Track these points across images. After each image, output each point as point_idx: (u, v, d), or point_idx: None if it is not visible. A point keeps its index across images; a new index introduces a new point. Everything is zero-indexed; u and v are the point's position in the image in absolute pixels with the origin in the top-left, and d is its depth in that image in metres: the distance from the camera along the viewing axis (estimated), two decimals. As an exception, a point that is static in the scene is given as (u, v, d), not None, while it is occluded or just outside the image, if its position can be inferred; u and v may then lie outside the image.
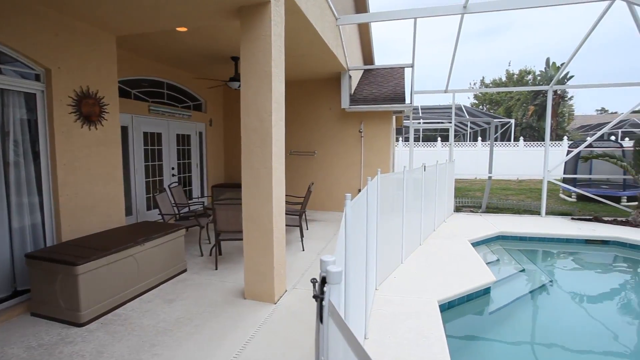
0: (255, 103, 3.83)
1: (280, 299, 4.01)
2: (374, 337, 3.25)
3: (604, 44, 28.98)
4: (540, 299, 4.84)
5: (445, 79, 8.77)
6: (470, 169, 16.61)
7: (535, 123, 27.47)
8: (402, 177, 4.96)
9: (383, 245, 4.33)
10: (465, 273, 4.78)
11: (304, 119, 9.01)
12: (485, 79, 39.64)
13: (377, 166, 7.77)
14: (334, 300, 1.05)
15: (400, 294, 4.15)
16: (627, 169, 7.87)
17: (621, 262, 6.38)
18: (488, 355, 3.60)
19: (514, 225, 7.55)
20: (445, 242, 6.29)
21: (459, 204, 10.01)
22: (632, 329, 4.21)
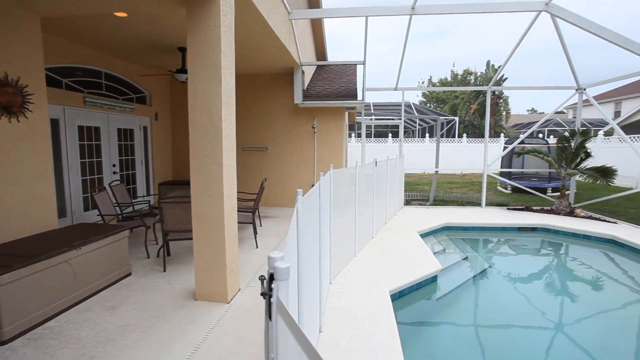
0: (204, 97, 3.67)
1: (234, 298, 3.91)
2: (329, 330, 3.29)
3: (535, 50, 32.10)
4: (481, 283, 5.23)
5: (396, 77, 9.08)
6: (418, 164, 17.43)
7: (477, 121, 29.49)
8: (355, 173, 5.06)
9: (337, 239, 4.39)
10: (414, 263, 5.01)
11: (256, 114, 8.84)
12: (432, 78, 41.66)
13: (331, 162, 7.88)
14: (282, 296, 1.04)
15: (353, 286, 4.25)
16: (552, 163, 8.74)
17: (547, 246, 7.09)
18: (436, 338, 3.81)
19: (458, 217, 8.06)
20: (396, 234, 6.54)
21: (408, 197, 10.47)
22: (556, 303, 4.70)
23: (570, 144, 8.41)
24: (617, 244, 6.52)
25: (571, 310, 4.57)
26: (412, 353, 3.39)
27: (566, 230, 7.24)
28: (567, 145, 8.44)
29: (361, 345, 3.05)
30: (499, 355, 3.50)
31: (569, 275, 5.78)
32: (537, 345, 3.69)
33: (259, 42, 6.11)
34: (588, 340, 3.81)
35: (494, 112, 27.62)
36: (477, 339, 3.84)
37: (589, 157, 8.42)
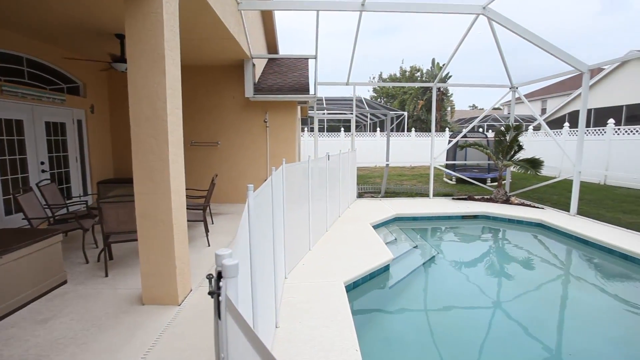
0: (146, 88, 3.43)
1: (185, 300, 3.75)
2: (285, 325, 3.28)
3: (476, 50, 34.74)
4: (430, 269, 5.52)
5: (347, 72, 9.20)
6: (370, 157, 17.97)
7: (424, 116, 30.96)
8: (308, 167, 5.07)
9: (291, 234, 4.37)
10: (367, 254, 5.15)
11: (205, 107, 8.49)
12: (383, 74, 42.96)
13: (284, 156, 7.80)
14: (231, 294, 1.00)
15: (309, 279, 4.27)
16: (490, 156, 9.45)
17: (487, 232, 7.68)
18: (390, 324, 3.96)
19: (408, 207, 8.43)
20: (350, 226, 6.68)
21: (361, 190, 10.73)
22: (495, 283, 5.11)
23: (505, 137, 9.14)
24: (544, 227, 7.24)
25: (508, 289, 5.00)
26: (368, 340, 3.49)
27: (503, 217, 7.89)
28: (503, 139, 9.16)
29: (318, 337, 3.08)
30: (447, 334, 3.73)
31: (505, 257, 6.30)
32: (480, 322, 3.99)
33: (207, 33, 5.85)
34: (521, 314, 4.19)
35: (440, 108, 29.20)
36: (428, 321, 4.05)
37: (521, 149, 9.22)
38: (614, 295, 4.59)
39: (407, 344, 3.54)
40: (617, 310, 4.25)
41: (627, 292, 4.65)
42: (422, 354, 3.40)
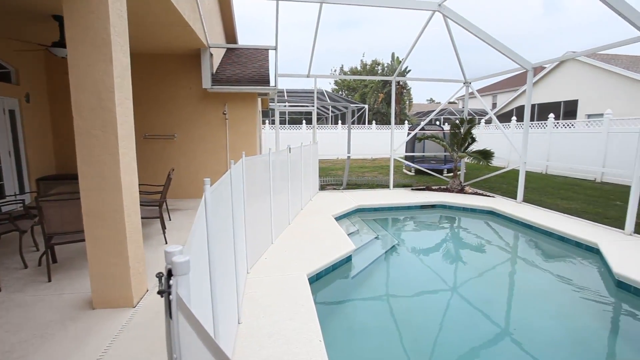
0: (90, 76, 3.18)
1: (141, 301, 3.57)
2: (248, 320, 3.23)
3: (434, 46, 35.95)
4: (391, 258, 5.69)
5: (308, 64, 9.14)
6: (332, 149, 18.12)
7: (384, 109, 31.66)
8: (268, 160, 4.99)
9: (253, 228, 4.30)
10: (330, 246, 5.20)
11: (160, 98, 8.06)
12: (344, 67, 43.24)
13: (244, 149, 7.64)
14: (183, 292, 0.95)
15: (271, 273, 4.23)
16: (446, 148, 9.88)
17: (444, 220, 8.06)
18: (353, 313, 4.03)
19: (369, 199, 8.60)
20: (312, 219, 6.70)
21: (323, 182, 10.79)
22: (452, 268, 5.39)
23: (460, 130, 9.59)
24: (494, 214, 7.73)
25: (462, 272, 5.29)
26: (331, 330, 3.53)
27: (458, 206, 8.31)
28: (458, 131, 9.61)
29: (281, 331, 3.07)
30: (408, 319, 3.87)
31: (460, 243, 6.65)
32: (439, 305, 4.19)
33: (160, 19, 5.52)
34: (474, 295, 4.46)
35: (399, 101, 29.98)
36: (390, 307, 4.18)
37: (474, 141, 9.72)
38: (553, 273, 5.01)
39: (370, 331, 3.63)
40: (555, 287, 4.65)
41: (564, 270, 5.09)
42: (385, 339, 3.51)
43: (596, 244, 5.37)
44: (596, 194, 9.56)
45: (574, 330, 3.70)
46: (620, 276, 4.33)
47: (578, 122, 13.22)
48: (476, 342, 3.46)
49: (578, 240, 5.74)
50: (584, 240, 5.64)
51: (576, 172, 12.95)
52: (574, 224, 6.47)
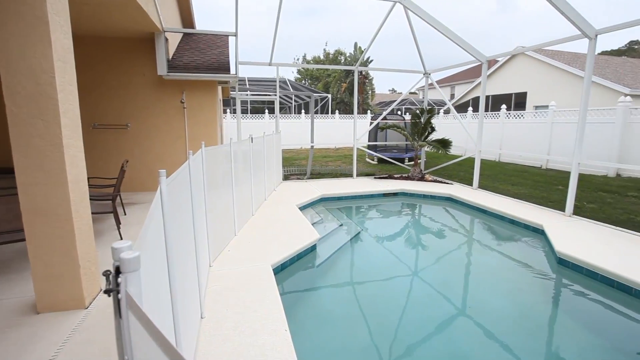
0: (25, 59, 2.88)
1: (94, 301, 3.36)
2: (212, 314, 3.16)
3: (396, 36, 36.61)
4: (355, 245, 5.79)
5: (270, 52, 8.94)
6: (295, 139, 17.95)
7: (347, 98, 31.87)
8: (230, 150, 4.85)
9: (214, 220, 4.18)
10: (294, 236, 5.19)
11: (111, 85, 7.53)
12: (307, 55, 42.84)
13: (205, 139, 7.35)
14: (133, 290, 0.89)
15: (235, 265, 4.15)
16: (407, 137, 10.15)
17: (405, 207, 8.32)
18: (319, 301, 4.07)
19: (333, 188, 8.67)
20: (276, 209, 6.65)
21: (287, 172, 10.72)
22: (412, 253, 5.60)
23: (420, 120, 9.88)
24: (453, 200, 8.10)
25: (424, 257, 5.51)
26: (298, 319, 3.55)
27: (418, 193, 8.61)
28: (418, 121, 9.89)
29: (246, 322, 3.03)
30: (373, 304, 3.97)
31: (421, 229, 6.92)
32: (402, 289, 4.34)
33: (106, -2, 5.11)
34: (434, 278, 4.67)
35: (362, 91, 30.30)
36: (355, 294, 4.27)
37: (433, 131, 10.07)
38: (504, 254, 5.37)
39: (336, 318, 3.68)
40: (506, 266, 4.98)
41: (514, 251, 5.46)
42: (350, 324, 3.58)
43: (541, 226, 5.80)
44: (542, 179, 10.31)
45: (522, 304, 3.99)
46: (561, 254, 4.72)
47: (527, 113, 14.10)
48: (437, 321, 3.63)
49: (526, 223, 6.17)
50: (531, 223, 6.07)
51: (525, 160, 13.86)
52: (523, 207, 6.95)
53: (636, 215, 6.52)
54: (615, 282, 4.05)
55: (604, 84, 15.39)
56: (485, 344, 3.29)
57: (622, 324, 3.65)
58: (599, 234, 5.39)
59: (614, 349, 3.24)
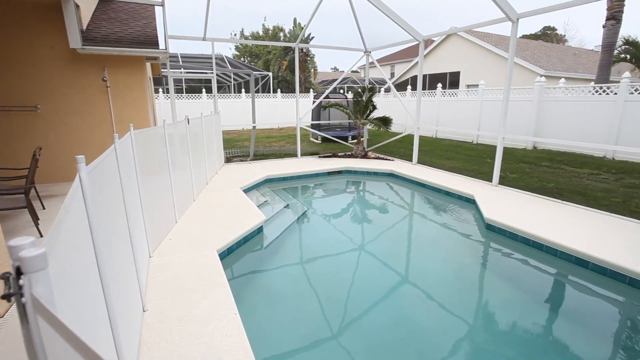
0: None
1: (11, 309, 2.97)
2: (154, 306, 2.99)
3: (337, 13, 36.31)
4: (303, 224, 5.81)
5: (203, 25, 8.33)
6: (236, 120, 17.34)
7: (289, 77, 31.27)
8: (164, 132, 4.49)
9: (151, 208, 3.89)
10: (239, 219, 5.05)
11: (10, 59, 6.44)
12: (244, 31, 40.93)
13: (135, 122, 6.73)
14: (40, 292, 0.76)
15: (178, 254, 3.94)
16: (350, 115, 10.30)
17: (350, 185, 8.53)
18: (269, 282, 4.04)
19: (278, 169, 8.56)
20: (219, 193, 6.40)
21: (229, 154, 10.34)
22: (358, 228, 5.78)
23: (362, 98, 10.03)
24: (394, 176, 8.46)
25: (369, 231, 5.72)
26: (248, 302, 3.50)
27: (362, 170, 8.86)
28: (360, 99, 10.04)
29: (193, 311, 2.92)
30: (322, 280, 4.04)
31: (365, 205, 7.15)
32: (350, 264, 4.47)
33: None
34: (380, 250, 4.89)
35: (304, 69, 29.90)
36: (305, 272, 4.30)
37: (375, 109, 10.31)
38: (441, 223, 5.77)
39: (287, 297, 3.69)
40: (443, 234, 5.37)
41: (450, 220, 5.90)
42: (302, 301, 3.62)
43: (472, 196, 6.32)
44: (473, 153, 11.19)
45: (457, 267, 4.36)
46: (488, 220, 5.19)
47: (460, 92, 15.05)
48: (383, 289, 3.82)
49: (459, 194, 6.68)
50: (464, 193, 6.58)
51: (459, 136, 14.90)
52: (457, 180, 7.49)
53: (548, 182, 7.39)
54: (531, 241, 4.57)
55: (524, 65, 16.91)
56: (427, 306, 3.55)
57: (536, 276, 4.17)
58: (519, 201, 6.02)
59: (530, 298, 3.70)
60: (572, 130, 10.73)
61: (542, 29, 41.36)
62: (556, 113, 11.28)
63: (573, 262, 4.10)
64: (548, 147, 11.77)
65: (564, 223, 4.89)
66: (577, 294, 3.85)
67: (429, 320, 3.33)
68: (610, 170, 8.30)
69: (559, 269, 4.16)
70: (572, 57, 21.05)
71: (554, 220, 5.00)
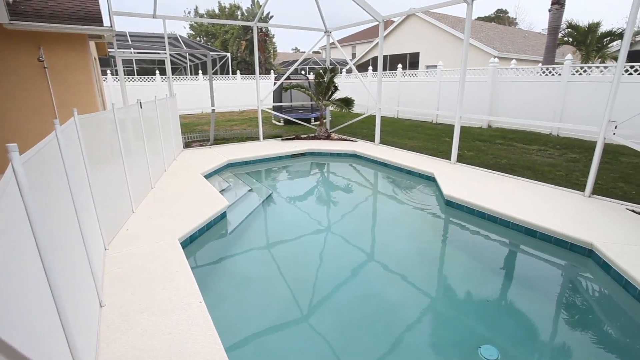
0: None
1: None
2: (113, 300, 2.86)
3: None
4: (267, 208, 5.75)
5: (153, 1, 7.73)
6: (194, 103, 16.58)
7: (248, 57, 30.22)
8: (114, 117, 4.18)
9: (104, 198, 3.65)
10: (201, 205, 4.90)
11: None
12: (199, 9, 38.72)
13: (80, 106, 6.22)
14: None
15: (137, 244, 3.76)
16: (312, 97, 10.18)
17: (314, 167, 8.52)
18: (235, 268, 3.97)
19: (240, 153, 8.35)
20: (179, 179, 6.15)
21: (188, 139, 9.92)
22: (323, 209, 5.82)
23: (324, 79, 9.92)
24: (357, 156, 8.56)
25: (334, 212, 5.78)
26: (214, 290, 3.44)
27: (326, 152, 8.87)
28: (322, 80, 9.93)
29: (155, 302, 2.83)
30: (289, 263, 4.03)
31: (330, 186, 7.20)
32: (316, 244, 4.51)
33: None
34: (345, 229, 4.96)
35: (263, 49, 29.02)
36: (271, 255, 4.28)
37: (337, 90, 10.26)
38: (403, 201, 5.95)
39: (253, 281, 3.66)
40: (405, 212, 5.55)
41: (411, 197, 6.09)
42: (269, 285, 3.60)
43: (432, 174, 6.55)
44: (433, 133, 11.55)
45: (419, 243, 4.54)
46: (448, 196, 5.43)
47: (420, 72, 15.34)
48: (350, 268, 3.90)
49: (420, 172, 6.90)
50: (424, 172, 6.80)
51: (419, 116, 15.29)
52: (418, 159, 7.72)
53: (501, 159, 7.83)
54: (487, 215, 4.85)
55: (479, 46, 17.49)
56: (392, 281, 3.68)
57: (491, 246, 4.45)
58: (476, 177, 6.33)
59: (486, 267, 3.95)
60: (522, 109, 11.37)
61: (495, 12, 42.90)
62: (508, 93, 11.87)
63: (523, 232, 4.41)
64: (501, 125, 12.41)
65: (516, 197, 5.23)
66: (528, 260, 4.17)
67: (395, 294, 3.46)
68: (556, 146, 8.94)
69: (511, 239, 4.47)
70: (522, 40, 22.09)
71: (506, 195, 5.32)
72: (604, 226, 4.15)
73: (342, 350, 2.73)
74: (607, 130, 4.89)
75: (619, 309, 3.25)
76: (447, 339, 2.87)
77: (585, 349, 2.76)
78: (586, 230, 4.03)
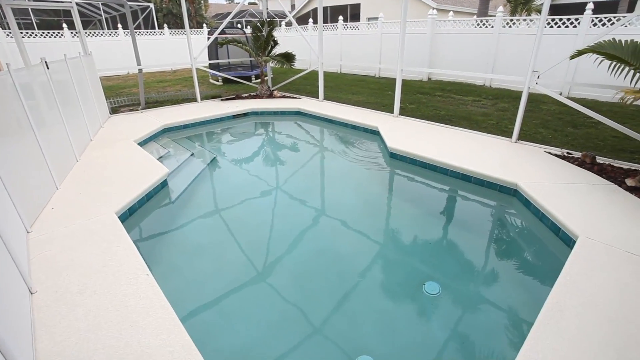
0: None
1: None
2: (45, 285, 2.62)
3: None
4: (212, 172, 5.51)
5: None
6: (118, 62, 14.77)
7: (176, 9, 27.24)
8: (12, 81, 3.55)
9: (16, 176, 3.20)
10: (137, 175, 4.53)
11: None
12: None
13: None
14: None
15: (65, 224, 3.42)
16: (250, 52, 9.56)
17: (258, 127, 8.23)
18: (183, 237, 3.80)
19: (176, 116, 7.74)
20: (108, 149, 5.57)
21: (115, 104, 8.95)
22: (271, 170, 5.72)
23: (262, 33, 9.30)
24: (302, 114, 8.41)
25: (282, 172, 5.70)
26: (163, 261, 3.31)
27: (269, 110, 8.57)
28: (260, 34, 9.31)
29: (96, 281, 2.65)
30: (240, 226, 3.96)
31: (275, 145, 7.04)
32: (266, 205, 4.46)
33: None
34: (295, 189, 4.95)
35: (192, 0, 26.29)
36: (220, 220, 4.15)
37: (276, 45, 9.72)
38: (349, 156, 6.04)
39: (205, 249, 3.55)
40: (351, 166, 5.66)
41: (357, 152, 6.20)
42: (221, 250, 3.53)
43: (376, 127, 6.67)
44: (376, 87, 11.63)
45: (366, 195, 4.71)
46: (391, 148, 5.60)
47: (361, 25, 15.01)
48: (302, 225, 3.95)
49: (365, 127, 6.99)
50: (369, 126, 6.91)
51: (362, 70, 15.21)
52: (362, 113, 7.79)
53: (440, 110, 8.18)
54: (427, 164, 5.12)
55: (417, -4, 17.42)
56: (343, 233, 3.80)
57: (432, 193, 4.76)
58: (417, 129, 6.57)
59: (428, 212, 4.25)
60: (459, 61, 11.80)
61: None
62: (446, 45, 12.17)
63: (460, 178, 4.75)
64: (440, 77, 12.84)
65: (453, 146, 5.55)
66: (464, 204, 4.53)
67: (346, 245, 3.59)
68: (488, 97, 9.53)
69: (450, 185, 4.80)
70: (457, -10, 22.41)
71: (445, 144, 5.63)
72: (527, 168, 4.61)
73: (300, 302, 2.82)
74: (531, 80, 5.27)
75: (535, 238, 3.72)
76: (395, 280, 3.09)
77: (510, 274, 3.16)
78: (512, 172, 4.45)
